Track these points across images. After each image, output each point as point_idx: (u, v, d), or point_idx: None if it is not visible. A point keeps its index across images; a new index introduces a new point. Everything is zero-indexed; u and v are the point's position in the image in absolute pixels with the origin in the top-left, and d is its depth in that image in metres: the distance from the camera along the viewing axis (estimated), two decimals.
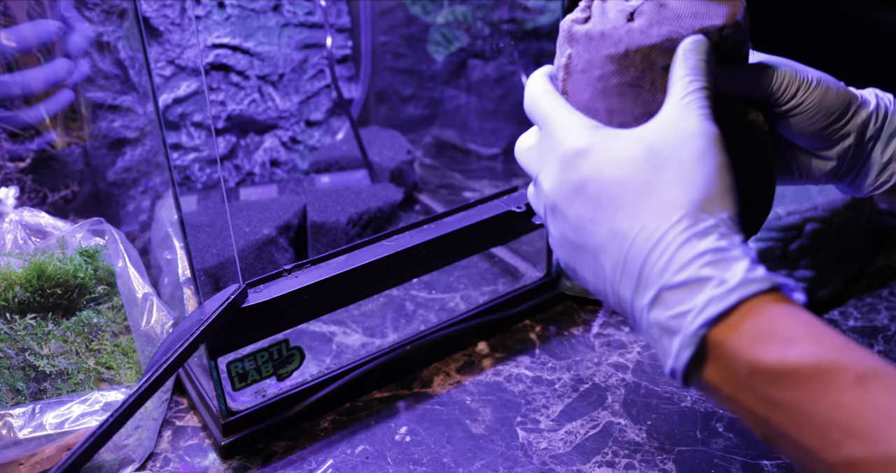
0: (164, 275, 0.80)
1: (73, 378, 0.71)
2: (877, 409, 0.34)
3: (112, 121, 0.94)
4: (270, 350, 0.69)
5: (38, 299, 0.72)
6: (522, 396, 0.74)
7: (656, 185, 0.42)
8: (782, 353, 0.36)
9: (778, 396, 0.36)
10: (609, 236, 0.42)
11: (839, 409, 0.35)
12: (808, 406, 0.36)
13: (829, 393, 0.35)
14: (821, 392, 0.35)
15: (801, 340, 0.37)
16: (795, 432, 0.36)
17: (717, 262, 0.39)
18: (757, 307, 0.38)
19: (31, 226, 0.78)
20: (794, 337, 0.37)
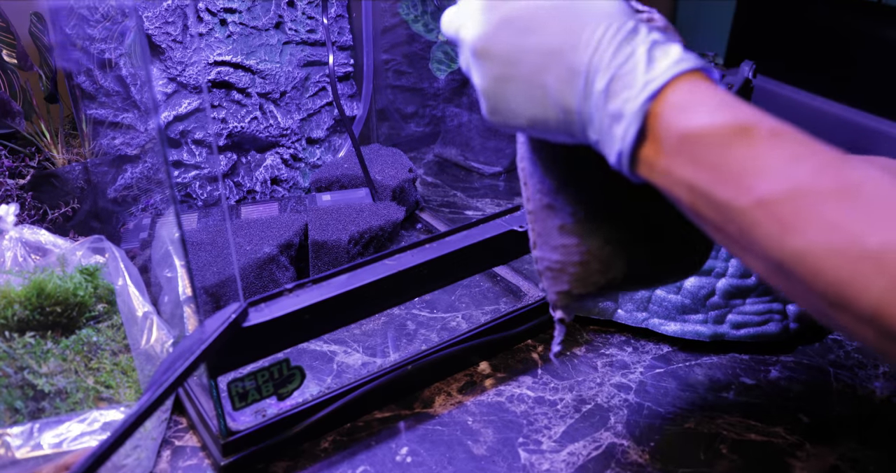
0: (165, 294, 0.80)
1: (72, 397, 0.70)
2: (784, 154, 0.39)
3: (113, 138, 0.94)
4: (271, 369, 0.68)
5: (37, 317, 0.72)
6: (524, 416, 0.74)
7: (592, 5, 0.46)
8: (708, 118, 0.41)
9: (703, 156, 0.41)
10: (546, 56, 0.46)
11: (753, 159, 0.40)
12: (728, 160, 0.40)
13: (745, 146, 0.40)
14: (739, 146, 0.40)
15: (723, 107, 0.42)
16: (716, 188, 0.41)
17: (654, 48, 0.44)
18: (685, 83, 0.42)
19: (31, 244, 0.78)
20: (716, 105, 0.42)
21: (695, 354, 0.81)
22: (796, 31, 1.40)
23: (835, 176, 0.38)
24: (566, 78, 0.45)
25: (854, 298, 0.37)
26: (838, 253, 0.37)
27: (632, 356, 0.81)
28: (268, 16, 1.00)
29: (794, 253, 0.38)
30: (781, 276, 0.40)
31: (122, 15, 0.88)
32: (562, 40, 0.45)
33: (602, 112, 0.44)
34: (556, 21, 0.46)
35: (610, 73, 0.44)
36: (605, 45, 0.44)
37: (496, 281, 0.92)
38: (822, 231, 0.37)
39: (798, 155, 0.39)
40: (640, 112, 0.43)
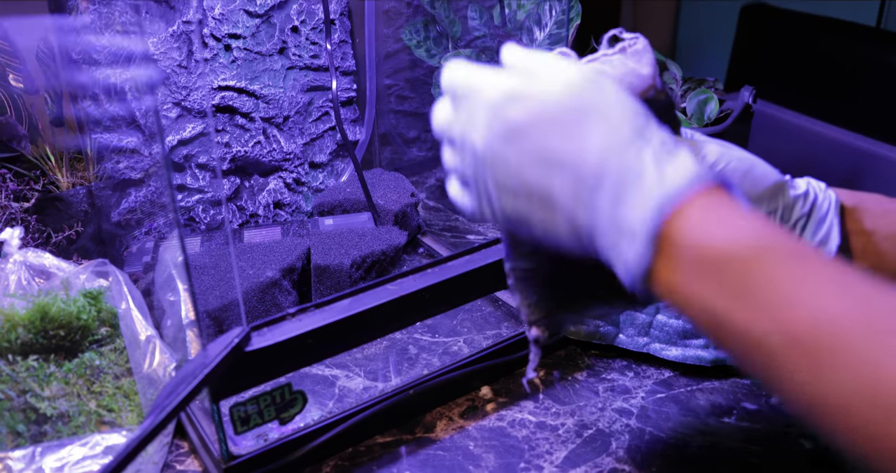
0: (168, 317, 0.80)
1: (74, 420, 0.70)
2: (810, 282, 0.37)
3: (117, 162, 0.95)
4: (273, 393, 0.68)
5: (40, 340, 0.72)
6: (526, 441, 0.74)
7: (586, 110, 0.44)
8: (725, 238, 0.39)
9: (722, 279, 0.38)
10: (558, 167, 0.44)
11: (778, 286, 0.37)
12: (751, 286, 0.37)
13: (768, 270, 0.37)
14: (761, 270, 0.37)
15: (742, 225, 0.39)
16: (737, 316, 0.38)
17: (665, 161, 0.41)
18: (699, 198, 0.40)
19: (35, 267, 0.78)
20: (734, 223, 0.39)
21: (696, 379, 0.81)
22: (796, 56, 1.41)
23: (866, 307, 0.36)
24: (572, 189, 0.43)
25: (880, 448, 0.34)
26: (875, 399, 0.34)
27: (633, 381, 0.81)
28: (272, 41, 1.01)
29: (814, 391, 0.36)
30: (811, 414, 0.37)
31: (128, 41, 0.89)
32: (568, 148, 0.44)
33: (611, 226, 0.42)
34: (561, 127, 0.44)
35: (617, 187, 0.42)
36: (612, 154, 0.42)
37: (498, 305, 0.92)
38: (857, 372, 0.35)
39: (825, 282, 0.37)
40: (652, 231, 0.40)
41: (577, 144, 0.43)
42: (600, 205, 0.42)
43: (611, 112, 0.44)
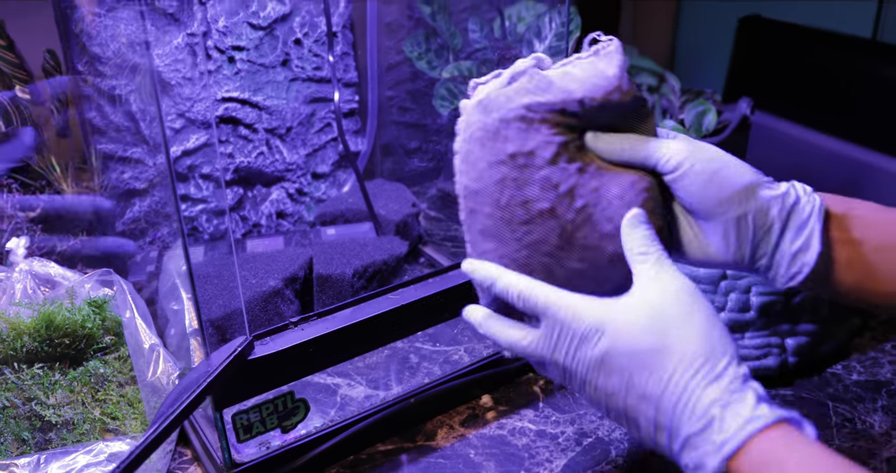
0: (171, 326, 0.81)
1: (79, 428, 0.71)
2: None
3: (122, 172, 0.96)
4: (275, 402, 0.69)
5: (45, 349, 0.73)
6: (526, 450, 0.74)
7: (667, 347, 0.48)
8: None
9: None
10: (637, 399, 0.48)
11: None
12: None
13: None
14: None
15: (802, 468, 0.43)
16: None
17: (729, 404, 0.45)
18: (762, 440, 0.44)
19: (41, 276, 0.79)
20: (795, 466, 0.43)
21: None
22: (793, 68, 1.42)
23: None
24: (653, 420, 0.48)
25: None
26: None
27: None
28: (275, 53, 1.02)
29: None
30: None
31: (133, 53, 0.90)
32: (651, 387, 0.48)
33: (682, 459, 0.47)
34: (642, 363, 0.48)
35: (688, 429, 0.46)
36: (689, 395, 0.46)
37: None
38: None
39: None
40: (720, 469, 0.44)
41: (656, 377, 0.47)
42: (675, 440, 0.47)
43: (687, 350, 0.48)
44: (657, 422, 0.47)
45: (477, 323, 0.57)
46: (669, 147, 0.55)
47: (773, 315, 0.81)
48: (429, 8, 1.11)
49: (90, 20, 0.90)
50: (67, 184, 0.97)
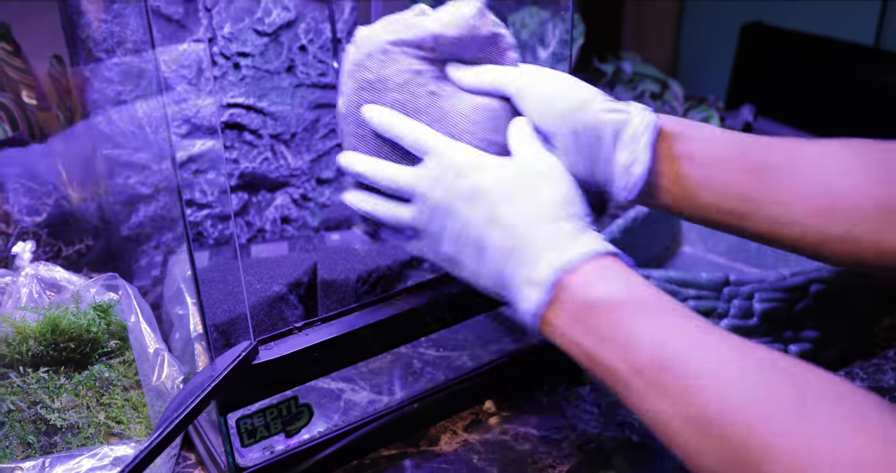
0: (176, 331, 0.81)
1: (84, 432, 0.71)
2: (660, 330, 0.47)
3: (128, 177, 0.96)
4: (279, 406, 0.70)
5: (51, 353, 0.73)
6: (529, 455, 0.75)
7: (534, 195, 0.55)
8: (604, 295, 0.49)
9: (596, 325, 0.49)
10: (499, 229, 0.55)
11: (635, 332, 0.47)
12: (615, 332, 0.48)
13: (630, 320, 0.48)
14: (626, 320, 0.48)
15: (621, 287, 0.50)
16: (603, 354, 0.49)
17: (572, 237, 0.53)
18: (594, 265, 0.51)
19: (46, 280, 0.80)
20: (616, 285, 0.50)
21: None
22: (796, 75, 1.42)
23: (694, 347, 0.45)
24: (503, 244, 0.54)
25: (697, 464, 0.43)
26: (686, 422, 0.43)
27: None
28: (280, 59, 1.02)
29: (655, 416, 0.46)
30: (657, 434, 0.46)
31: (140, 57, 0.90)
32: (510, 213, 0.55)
33: (525, 280, 0.53)
34: (513, 204, 0.55)
35: (538, 252, 0.53)
36: (540, 224, 0.54)
37: (501, 320, 0.93)
38: (675, 400, 0.44)
39: (665, 329, 0.47)
40: (550, 287, 0.51)
41: (518, 210, 0.55)
42: (523, 262, 0.53)
43: (546, 192, 0.56)
44: (511, 250, 0.54)
45: (357, 200, 0.64)
46: (515, 72, 0.62)
47: (777, 321, 0.82)
48: None
49: (96, 26, 0.91)
50: (73, 188, 0.97)
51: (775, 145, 0.58)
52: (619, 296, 0.49)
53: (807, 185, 0.55)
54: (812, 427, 0.40)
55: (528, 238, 0.54)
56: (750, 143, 0.58)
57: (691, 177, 0.58)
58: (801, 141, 0.58)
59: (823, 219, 0.55)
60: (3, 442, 0.69)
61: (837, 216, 0.54)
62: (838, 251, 0.55)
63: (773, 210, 0.56)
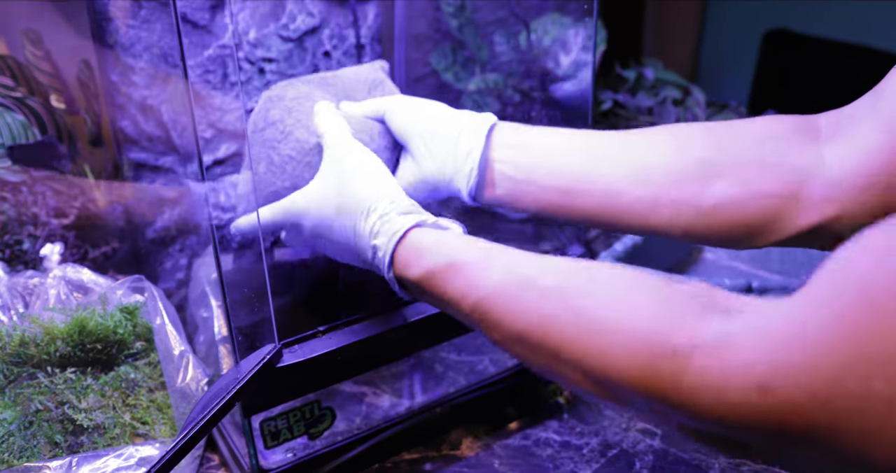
0: (200, 333, 0.82)
1: (110, 432, 0.72)
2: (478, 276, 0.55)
3: (153, 180, 0.97)
4: (303, 409, 0.70)
5: (78, 354, 0.74)
6: (550, 460, 0.75)
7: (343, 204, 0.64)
8: (427, 266, 0.58)
9: (431, 289, 0.58)
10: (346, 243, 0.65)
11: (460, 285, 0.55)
12: (446, 290, 0.56)
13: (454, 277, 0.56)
14: (450, 278, 0.56)
15: (438, 252, 0.58)
16: (448, 309, 0.58)
17: (400, 216, 0.61)
18: (409, 240, 0.59)
19: (74, 282, 0.81)
20: (432, 252, 0.58)
21: None
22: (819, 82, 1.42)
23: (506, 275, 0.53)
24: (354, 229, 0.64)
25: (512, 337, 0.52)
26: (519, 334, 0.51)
27: None
28: (304, 65, 1.03)
29: (496, 341, 0.53)
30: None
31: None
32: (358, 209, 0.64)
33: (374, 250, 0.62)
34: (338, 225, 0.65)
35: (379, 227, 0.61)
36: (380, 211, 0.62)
37: None
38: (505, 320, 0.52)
39: (484, 274, 0.54)
40: (389, 255, 0.60)
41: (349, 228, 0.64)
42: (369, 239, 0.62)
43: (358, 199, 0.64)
44: (356, 231, 0.63)
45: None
46: (385, 100, 0.73)
47: None
48: (456, 21, 1.12)
49: (124, 31, 0.92)
50: (100, 191, 0.98)
51: (609, 133, 0.66)
52: (438, 262, 0.57)
53: (633, 159, 0.63)
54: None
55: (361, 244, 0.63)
56: (586, 133, 0.66)
57: (528, 163, 0.66)
58: (631, 131, 0.66)
59: (648, 187, 0.62)
60: (31, 441, 0.70)
61: (660, 182, 0.61)
62: (667, 215, 0.61)
63: (604, 183, 0.63)
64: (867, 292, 0.35)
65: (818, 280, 0.38)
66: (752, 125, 0.63)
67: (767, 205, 0.58)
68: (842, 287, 0.37)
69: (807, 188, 0.57)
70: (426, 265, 0.58)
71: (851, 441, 0.35)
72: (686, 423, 0.43)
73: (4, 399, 0.71)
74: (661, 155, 0.63)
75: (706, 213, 0.60)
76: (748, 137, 0.62)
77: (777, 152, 0.60)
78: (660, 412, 0.44)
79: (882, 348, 0.34)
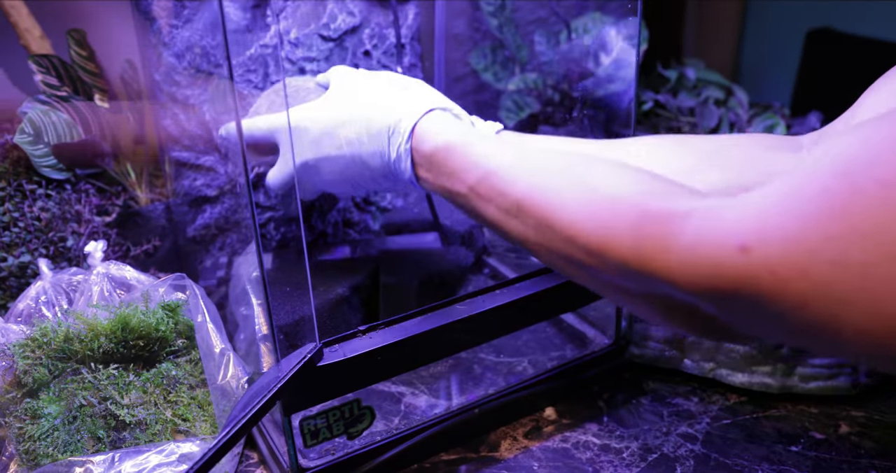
0: (241, 331, 0.82)
1: (151, 428, 0.73)
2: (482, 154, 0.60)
3: (194, 179, 0.98)
4: (342, 408, 0.70)
5: (121, 350, 0.75)
6: (590, 464, 0.74)
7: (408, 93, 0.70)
8: (436, 142, 0.63)
9: (440, 167, 0.62)
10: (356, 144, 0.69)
11: (466, 162, 0.60)
12: (452, 166, 0.61)
13: (461, 154, 0.61)
14: (457, 155, 0.61)
15: (447, 131, 0.63)
16: (454, 186, 0.61)
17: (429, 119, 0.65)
18: (426, 122, 0.65)
19: (117, 279, 0.82)
20: (442, 131, 0.64)
21: (762, 406, 0.81)
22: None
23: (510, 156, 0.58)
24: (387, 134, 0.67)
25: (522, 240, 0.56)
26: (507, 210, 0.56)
27: (698, 406, 0.81)
28: (344, 64, 1.03)
29: (491, 218, 0.58)
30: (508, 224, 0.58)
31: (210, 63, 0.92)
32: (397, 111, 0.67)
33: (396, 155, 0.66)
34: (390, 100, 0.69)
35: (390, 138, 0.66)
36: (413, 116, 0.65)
37: (562, 327, 0.93)
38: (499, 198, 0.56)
39: (490, 152, 0.59)
40: (407, 149, 0.65)
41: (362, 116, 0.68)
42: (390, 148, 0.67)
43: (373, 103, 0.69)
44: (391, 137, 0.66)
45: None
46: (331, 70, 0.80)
47: None
48: (496, 20, 1.12)
49: (167, 30, 0.93)
50: (142, 189, 0.99)
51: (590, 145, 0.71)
52: (448, 139, 0.62)
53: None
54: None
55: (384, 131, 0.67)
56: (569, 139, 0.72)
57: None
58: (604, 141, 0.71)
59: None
60: (75, 436, 0.70)
61: None
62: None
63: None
64: (852, 173, 0.37)
65: (807, 160, 0.42)
66: (738, 138, 0.69)
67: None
68: (828, 166, 0.39)
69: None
70: (441, 140, 0.62)
71: (823, 312, 0.37)
72: (664, 291, 0.46)
73: (49, 394, 0.72)
74: (638, 158, 0.66)
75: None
76: (731, 145, 0.66)
77: (759, 158, 0.63)
78: (639, 279, 0.46)
79: (862, 223, 0.36)
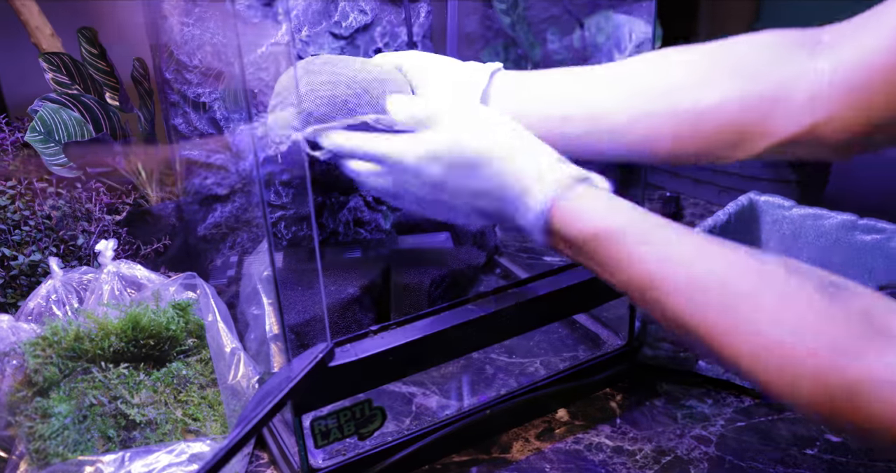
0: (251, 331, 0.82)
1: (162, 428, 0.72)
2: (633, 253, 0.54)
3: (205, 178, 0.97)
4: (353, 409, 0.70)
5: (131, 349, 0.75)
6: (603, 466, 0.73)
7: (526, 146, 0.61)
8: (581, 225, 0.56)
9: (578, 251, 0.57)
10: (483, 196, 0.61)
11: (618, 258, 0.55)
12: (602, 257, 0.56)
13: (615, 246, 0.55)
14: (610, 247, 0.55)
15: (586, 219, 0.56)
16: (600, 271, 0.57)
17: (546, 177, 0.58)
18: (566, 199, 0.57)
19: (127, 278, 0.81)
20: (581, 218, 0.56)
21: (777, 408, 0.80)
22: None
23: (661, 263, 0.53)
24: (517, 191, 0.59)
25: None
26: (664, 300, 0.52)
27: (712, 408, 0.80)
28: None
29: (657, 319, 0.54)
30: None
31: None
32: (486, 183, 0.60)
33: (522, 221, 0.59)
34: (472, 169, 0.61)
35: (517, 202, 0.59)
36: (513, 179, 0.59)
37: (575, 328, 0.92)
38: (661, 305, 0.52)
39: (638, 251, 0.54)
40: (543, 225, 0.58)
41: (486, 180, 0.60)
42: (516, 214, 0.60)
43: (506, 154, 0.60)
44: (520, 193, 0.59)
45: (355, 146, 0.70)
46: (401, 53, 0.77)
47: None
48: (508, 18, 1.11)
49: (178, 29, 0.93)
50: (152, 188, 0.99)
51: (605, 64, 0.68)
52: (598, 228, 0.56)
53: (628, 78, 0.65)
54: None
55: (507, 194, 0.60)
56: (577, 68, 0.68)
57: (528, 96, 0.68)
58: (625, 59, 0.69)
59: (642, 100, 0.64)
60: (85, 435, 0.70)
61: (652, 94, 0.64)
62: (657, 124, 0.63)
63: (599, 104, 0.65)
64: None
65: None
66: (753, 37, 0.66)
67: (754, 108, 0.60)
68: None
69: (794, 95, 0.59)
70: (590, 227, 0.56)
71: None
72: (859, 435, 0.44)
73: (60, 393, 0.72)
74: (652, 73, 0.65)
75: (694, 119, 0.62)
76: (744, 49, 0.65)
77: (771, 61, 0.62)
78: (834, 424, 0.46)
79: None
